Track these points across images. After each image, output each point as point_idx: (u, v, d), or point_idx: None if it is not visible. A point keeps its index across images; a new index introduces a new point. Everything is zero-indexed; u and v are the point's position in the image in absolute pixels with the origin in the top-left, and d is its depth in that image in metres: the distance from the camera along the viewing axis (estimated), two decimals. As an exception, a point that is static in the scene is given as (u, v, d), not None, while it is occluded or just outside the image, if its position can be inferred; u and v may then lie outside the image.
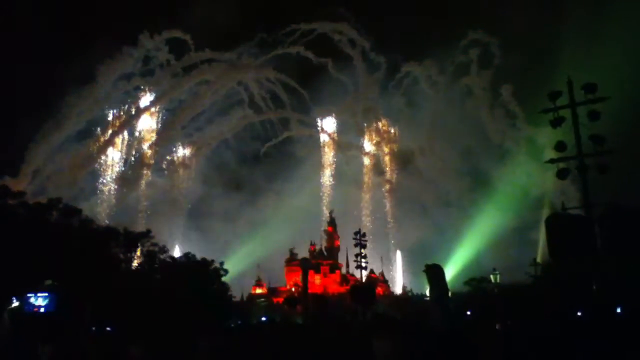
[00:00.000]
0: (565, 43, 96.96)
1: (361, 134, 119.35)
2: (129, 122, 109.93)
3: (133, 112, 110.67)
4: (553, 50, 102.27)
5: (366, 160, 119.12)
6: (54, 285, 40.60)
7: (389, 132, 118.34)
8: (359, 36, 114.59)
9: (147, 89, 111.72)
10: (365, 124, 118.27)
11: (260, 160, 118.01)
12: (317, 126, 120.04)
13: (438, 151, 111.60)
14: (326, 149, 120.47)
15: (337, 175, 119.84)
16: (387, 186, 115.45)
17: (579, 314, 29.92)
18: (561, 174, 14.80)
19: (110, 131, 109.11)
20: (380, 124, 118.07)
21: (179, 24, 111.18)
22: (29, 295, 37.19)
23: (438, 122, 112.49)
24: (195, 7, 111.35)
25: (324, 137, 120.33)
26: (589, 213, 13.80)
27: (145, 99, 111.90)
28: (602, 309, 13.65)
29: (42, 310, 36.23)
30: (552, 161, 14.99)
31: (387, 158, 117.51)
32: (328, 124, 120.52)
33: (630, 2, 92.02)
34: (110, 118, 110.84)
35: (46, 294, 37.43)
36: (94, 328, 39.14)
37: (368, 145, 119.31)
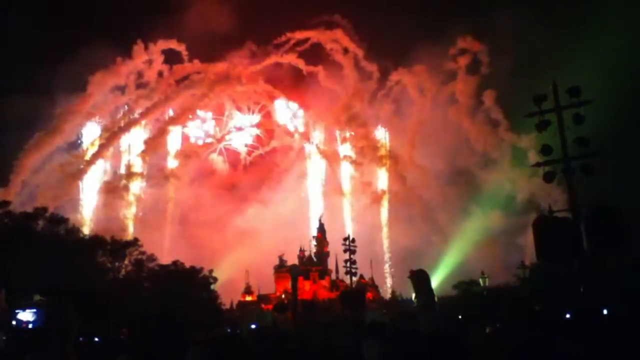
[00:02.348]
0: (549, 47, 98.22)
1: (348, 142, 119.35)
2: (119, 134, 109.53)
3: (122, 124, 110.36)
4: (537, 54, 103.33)
5: (352, 168, 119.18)
6: (42, 301, 40.13)
7: (375, 140, 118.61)
8: (352, 43, 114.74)
9: (138, 100, 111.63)
10: (352, 133, 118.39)
11: (247, 169, 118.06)
12: (304, 136, 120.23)
13: (423, 158, 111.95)
14: (312, 158, 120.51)
15: (324, 183, 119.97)
16: (374, 193, 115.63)
17: (567, 315, 30.12)
18: (547, 177, 14.93)
19: (100, 142, 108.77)
20: (366, 133, 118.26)
21: (174, 33, 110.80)
22: (17, 310, 36.74)
23: (424, 130, 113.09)
24: (190, 15, 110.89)
25: (310, 147, 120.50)
26: (575, 215, 13.91)
27: (136, 111, 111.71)
28: (589, 311, 13.74)
29: (30, 326, 35.74)
30: (538, 165, 15.13)
31: (373, 165, 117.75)
32: (315, 134, 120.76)
33: (613, 5, 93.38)
34: (100, 129, 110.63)
35: (35, 310, 36.97)
36: (81, 338, 38.73)
37: (354, 153, 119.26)
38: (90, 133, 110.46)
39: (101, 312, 41.11)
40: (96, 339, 39.29)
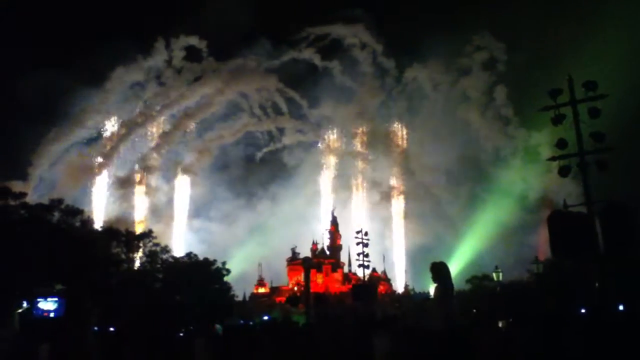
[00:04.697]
0: (564, 41, 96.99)
1: (360, 138, 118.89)
2: (136, 130, 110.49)
3: (140, 120, 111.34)
4: (552, 49, 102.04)
5: (365, 164, 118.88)
6: (63, 290, 40.58)
7: (388, 136, 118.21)
8: (372, 38, 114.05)
9: (156, 97, 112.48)
10: (365, 129, 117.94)
11: (258, 165, 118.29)
12: (316, 132, 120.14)
13: (436, 154, 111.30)
14: (325, 154, 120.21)
15: (337, 177, 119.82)
16: (385, 189, 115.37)
17: (582, 311, 29.90)
18: (562, 172, 14.80)
19: (117, 137, 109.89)
20: (379, 129, 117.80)
21: (195, 28, 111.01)
22: (38, 299, 37.21)
23: (437, 126, 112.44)
24: (212, 11, 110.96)
25: (322, 144, 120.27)
26: (590, 210, 13.78)
27: (154, 107, 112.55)
28: (604, 307, 13.62)
29: (51, 315, 36.01)
30: (553, 159, 15.01)
31: (385, 161, 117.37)
32: (327, 130, 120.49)
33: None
34: (118, 124, 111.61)
35: (56, 299, 37.33)
36: (96, 328, 39.23)
37: (366, 150, 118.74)
38: (108, 128, 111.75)
39: (115, 302, 41.62)
40: (111, 329, 39.81)
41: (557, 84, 14.84)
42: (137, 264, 55.52)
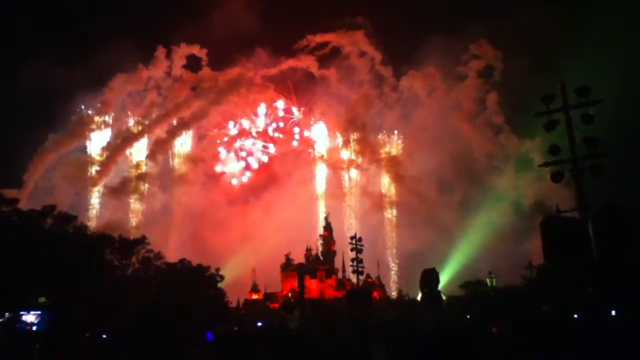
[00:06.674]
0: (561, 49, 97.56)
1: (353, 146, 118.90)
2: (133, 139, 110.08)
3: (137, 130, 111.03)
4: (549, 57, 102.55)
5: (359, 171, 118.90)
6: (47, 303, 39.98)
7: (380, 144, 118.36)
8: (371, 46, 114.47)
9: (152, 107, 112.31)
10: (359, 136, 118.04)
11: (252, 172, 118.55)
12: (310, 140, 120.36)
13: (431, 161, 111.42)
14: (317, 162, 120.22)
15: (330, 184, 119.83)
16: (376, 197, 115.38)
17: (575, 316, 29.98)
18: (555, 177, 14.85)
19: (114, 146, 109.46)
20: (373, 137, 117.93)
21: (197, 37, 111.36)
22: (21, 312, 36.66)
23: (432, 133, 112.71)
24: (214, 20, 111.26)
25: (315, 152, 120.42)
26: (583, 215, 13.84)
27: (151, 116, 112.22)
28: (597, 311, 13.68)
29: (34, 328, 35.28)
30: (546, 164, 15.06)
31: (378, 169, 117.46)
32: (322, 138, 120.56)
33: (623, 3, 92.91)
34: (114, 134, 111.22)
35: (39, 312, 36.75)
36: (87, 334, 38.87)
37: (358, 158, 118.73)
38: (107, 135, 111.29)
39: (108, 309, 41.34)
40: (104, 336, 39.48)
41: (551, 91, 14.92)
42: (130, 270, 55.21)
